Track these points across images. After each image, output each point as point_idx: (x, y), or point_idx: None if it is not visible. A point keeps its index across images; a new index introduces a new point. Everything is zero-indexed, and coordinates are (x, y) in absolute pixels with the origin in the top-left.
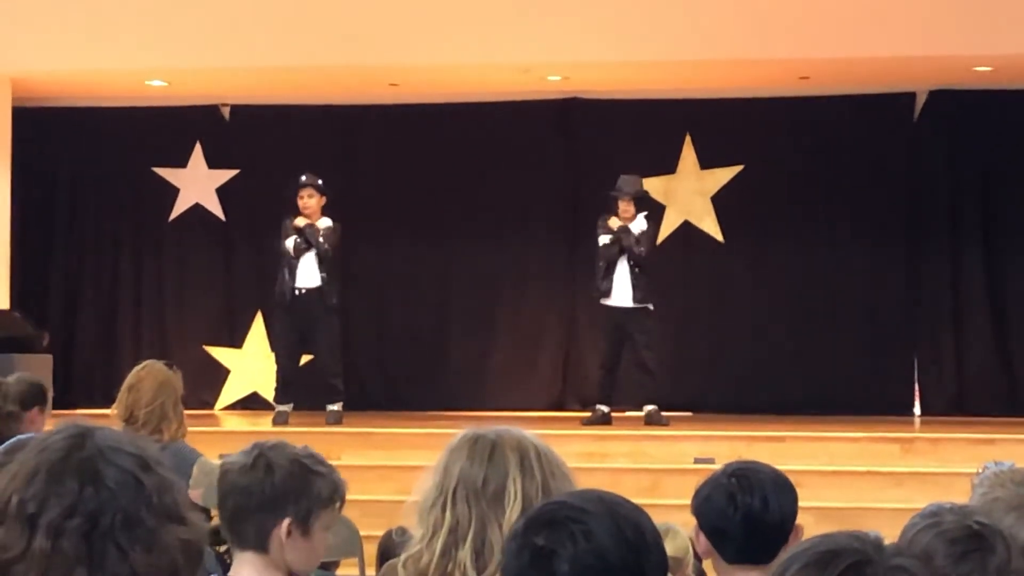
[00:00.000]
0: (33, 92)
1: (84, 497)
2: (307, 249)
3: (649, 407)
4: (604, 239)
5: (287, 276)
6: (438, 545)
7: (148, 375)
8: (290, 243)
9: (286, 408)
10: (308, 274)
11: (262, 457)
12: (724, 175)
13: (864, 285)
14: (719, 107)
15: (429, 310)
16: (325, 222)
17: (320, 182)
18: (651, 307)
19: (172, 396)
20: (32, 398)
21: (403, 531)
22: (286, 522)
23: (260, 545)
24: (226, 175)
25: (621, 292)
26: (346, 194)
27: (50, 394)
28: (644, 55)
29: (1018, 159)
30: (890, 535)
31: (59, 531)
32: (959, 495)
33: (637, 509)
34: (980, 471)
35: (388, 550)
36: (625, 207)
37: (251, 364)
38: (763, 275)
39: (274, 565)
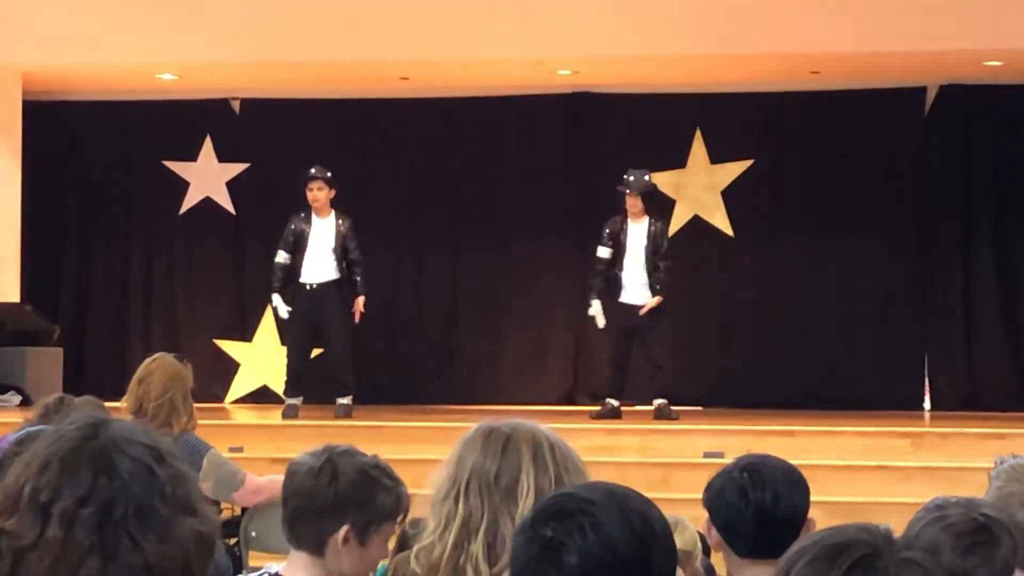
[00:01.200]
0: (44, 85)
1: (98, 487)
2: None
3: (659, 401)
4: (602, 252)
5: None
6: (450, 537)
7: (158, 368)
8: (282, 258)
9: (296, 401)
10: (320, 269)
11: (330, 463)
12: (734, 169)
13: (874, 279)
14: (729, 101)
15: (439, 304)
16: (346, 225)
17: (329, 175)
18: (661, 304)
19: (182, 389)
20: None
21: (417, 523)
22: (344, 529)
23: (316, 548)
24: (236, 169)
25: (633, 290)
26: (357, 188)
27: (56, 387)
28: (654, 49)
29: None
30: (900, 530)
31: (72, 520)
32: (969, 490)
33: (646, 500)
34: (998, 462)
35: (404, 543)
36: (632, 202)
37: (261, 357)
38: (773, 270)
39: (326, 569)
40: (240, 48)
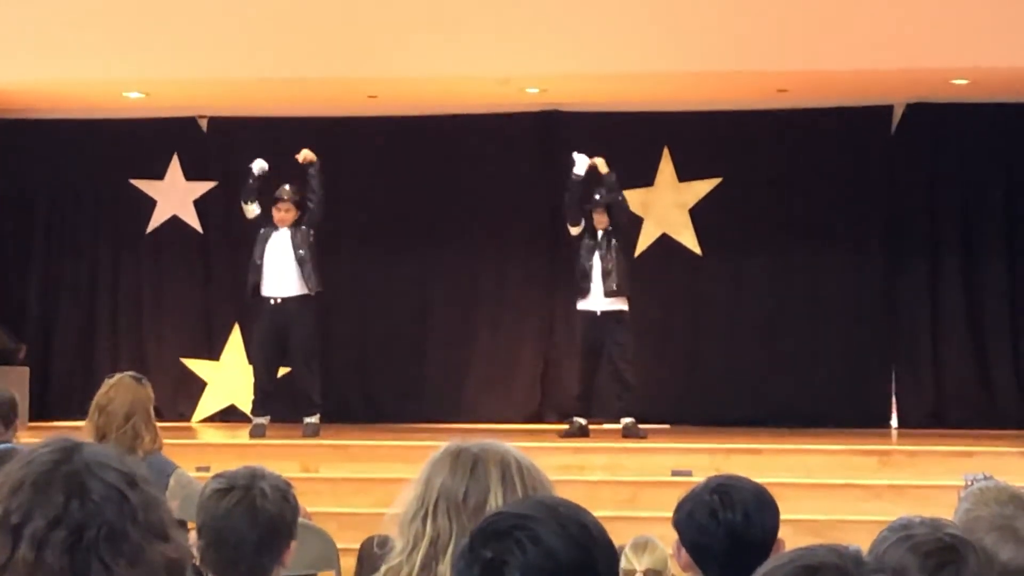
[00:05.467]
0: (9, 104)
1: (69, 510)
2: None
3: (626, 420)
4: (573, 229)
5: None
6: (418, 557)
7: (118, 395)
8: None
9: (263, 420)
10: (283, 282)
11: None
12: (702, 188)
13: (842, 297)
14: (697, 120)
15: (407, 322)
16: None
17: (298, 197)
18: (625, 308)
19: (144, 414)
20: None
21: (385, 542)
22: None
23: None
24: (204, 187)
25: (597, 298)
26: (325, 206)
27: (23, 405)
28: (622, 67)
29: (995, 172)
30: (868, 548)
31: (43, 542)
32: (937, 507)
33: (578, 507)
34: (968, 482)
35: (367, 558)
36: (599, 218)
37: (228, 376)
38: (741, 287)
39: None
40: (207, 66)
